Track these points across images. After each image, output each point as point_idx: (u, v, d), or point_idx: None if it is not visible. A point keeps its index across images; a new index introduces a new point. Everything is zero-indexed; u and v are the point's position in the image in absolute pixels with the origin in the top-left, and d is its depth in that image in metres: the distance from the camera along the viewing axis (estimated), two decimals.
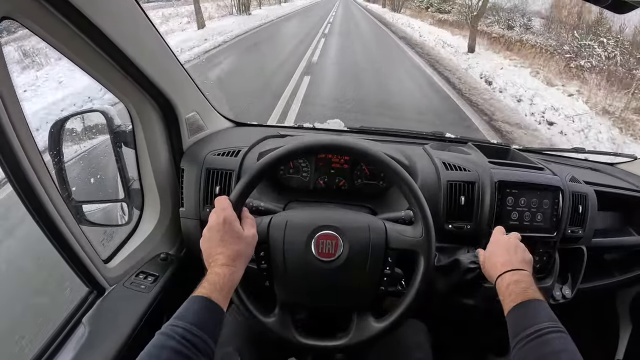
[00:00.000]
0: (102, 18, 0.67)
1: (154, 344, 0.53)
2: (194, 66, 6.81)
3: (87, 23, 0.65)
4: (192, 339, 0.53)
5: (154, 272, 0.94)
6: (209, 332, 0.56)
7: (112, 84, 0.83)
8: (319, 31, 12.33)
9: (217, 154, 0.99)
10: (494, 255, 0.78)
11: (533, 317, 0.63)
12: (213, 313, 0.59)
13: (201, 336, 0.54)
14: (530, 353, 0.59)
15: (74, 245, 0.80)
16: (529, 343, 0.59)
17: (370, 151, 0.76)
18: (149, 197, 1.00)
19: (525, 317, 0.63)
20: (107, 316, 0.84)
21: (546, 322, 0.61)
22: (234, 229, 0.67)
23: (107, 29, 0.68)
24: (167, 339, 0.53)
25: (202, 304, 0.58)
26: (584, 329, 1.50)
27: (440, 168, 0.99)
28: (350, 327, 0.78)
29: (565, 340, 0.59)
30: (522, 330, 0.61)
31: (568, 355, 0.57)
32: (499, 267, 0.74)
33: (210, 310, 0.59)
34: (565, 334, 0.60)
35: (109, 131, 0.99)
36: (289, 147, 0.75)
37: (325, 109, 4.69)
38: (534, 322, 0.61)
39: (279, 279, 0.75)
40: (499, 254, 0.77)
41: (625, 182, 1.27)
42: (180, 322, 0.55)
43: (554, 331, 0.59)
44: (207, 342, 0.55)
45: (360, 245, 0.74)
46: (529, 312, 0.64)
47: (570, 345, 0.59)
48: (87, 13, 0.64)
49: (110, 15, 0.69)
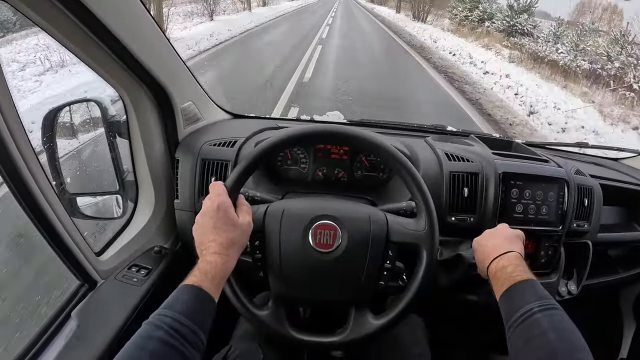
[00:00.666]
0: (96, 3, 0.65)
1: (140, 334, 0.50)
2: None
3: (81, 8, 0.63)
4: (180, 329, 0.51)
5: (147, 265, 0.92)
6: (198, 323, 0.53)
7: (105, 71, 0.80)
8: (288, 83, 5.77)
9: (213, 144, 0.96)
10: (481, 247, 0.77)
11: (519, 299, 0.61)
12: (203, 303, 0.56)
13: (190, 326, 0.52)
14: (519, 338, 0.57)
15: (65, 237, 0.78)
16: (517, 328, 0.57)
17: (371, 138, 0.73)
18: (144, 189, 0.97)
19: (513, 302, 0.61)
20: (97, 310, 0.82)
21: (533, 302, 0.58)
22: (229, 216, 0.64)
23: (100, 13, 0.66)
24: (155, 329, 0.50)
25: (192, 293, 0.56)
26: (587, 326, 1.48)
27: (443, 159, 0.97)
28: (347, 322, 0.75)
29: (554, 318, 0.56)
30: (511, 316, 0.59)
31: (557, 333, 0.54)
32: (486, 259, 0.72)
33: (201, 299, 0.56)
34: (556, 309, 0.58)
35: (103, 121, 0.97)
36: (287, 133, 0.72)
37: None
38: (520, 305, 0.59)
39: (274, 270, 0.72)
40: (485, 245, 0.76)
41: (629, 177, 1.25)
42: (168, 312, 0.52)
43: (542, 309, 0.57)
44: (197, 332, 0.52)
45: (360, 236, 0.71)
46: (516, 295, 0.62)
47: (562, 322, 0.56)
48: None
49: (106, 4, 0.67)
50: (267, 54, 8.14)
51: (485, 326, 1.16)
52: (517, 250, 0.71)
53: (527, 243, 0.96)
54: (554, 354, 0.52)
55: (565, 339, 0.54)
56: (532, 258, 0.98)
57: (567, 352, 0.52)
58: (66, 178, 0.93)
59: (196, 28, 10.28)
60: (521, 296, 0.61)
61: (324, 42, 9.81)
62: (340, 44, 9.84)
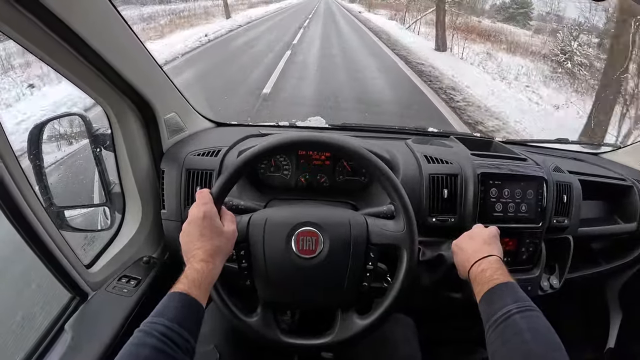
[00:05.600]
0: (75, 18, 0.65)
1: (133, 342, 0.52)
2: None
3: (60, 24, 0.64)
4: (172, 336, 0.52)
5: (137, 275, 0.93)
6: (188, 329, 0.55)
7: (87, 86, 0.81)
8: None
9: (197, 154, 0.98)
10: (460, 251, 0.78)
11: (498, 302, 0.62)
12: (192, 309, 0.58)
13: (181, 333, 0.54)
14: (497, 339, 0.58)
15: (54, 251, 0.79)
16: (495, 329, 0.58)
17: (347, 145, 0.75)
18: (130, 200, 0.98)
19: (491, 304, 0.63)
20: (90, 321, 0.83)
21: (511, 304, 0.60)
22: (214, 224, 0.66)
23: (80, 29, 0.67)
24: (147, 337, 0.52)
25: (181, 300, 0.57)
26: (574, 319, 1.51)
27: (422, 161, 0.99)
28: (334, 324, 0.77)
29: (530, 319, 0.58)
30: (490, 318, 0.61)
31: (533, 333, 0.55)
32: (467, 264, 0.73)
33: (190, 306, 0.58)
34: (533, 311, 0.59)
35: (88, 135, 0.97)
36: (269, 142, 0.74)
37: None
38: (499, 308, 0.60)
39: (260, 277, 0.74)
40: (464, 249, 0.77)
41: (609, 171, 1.27)
42: (159, 319, 0.54)
43: (520, 311, 0.58)
44: (187, 338, 0.54)
45: (341, 241, 0.73)
46: (495, 298, 0.63)
47: (538, 323, 0.58)
48: (59, 14, 0.62)
49: (83, 16, 0.68)
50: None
51: (473, 322, 1.19)
52: (496, 253, 0.73)
53: (508, 240, 0.98)
54: (530, 354, 0.54)
55: (540, 339, 0.55)
56: (513, 255, 1.00)
57: (543, 352, 0.54)
58: (54, 192, 0.94)
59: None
60: (499, 299, 0.62)
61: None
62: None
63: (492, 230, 0.79)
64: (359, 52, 9.58)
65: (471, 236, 0.79)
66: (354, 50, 9.78)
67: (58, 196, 0.94)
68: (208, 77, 6.38)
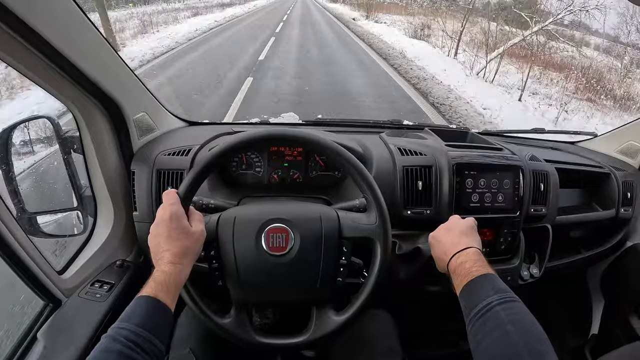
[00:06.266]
0: (37, 19, 0.63)
1: (100, 348, 0.51)
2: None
3: (21, 24, 0.62)
4: (137, 341, 0.52)
5: (110, 280, 0.91)
6: (156, 333, 0.54)
7: (52, 87, 0.79)
8: None
9: (167, 154, 0.96)
10: (437, 243, 0.77)
11: (478, 294, 0.61)
12: (159, 313, 0.57)
13: (147, 337, 0.53)
14: (479, 332, 0.57)
15: (24, 258, 0.78)
16: (477, 322, 0.58)
17: (316, 139, 0.74)
18: (102, 203, 0.96)
19: (472, 296, 0.62)
20: (63, 329, 0.81)
21: (492, 296, 0.59)
22: (182, 225, 0.65)
23: (42, 29, 0.65)
24: (113, 343, 0.51)
25: (148, 304, 0.56)
26: (557, 307, 1.53)
27: (396, 154, 0.98)
28: (310, 321, 0.76)
29: (512, 310, 0.57)
30: (470, 310, 0.60)
31: (515, 325, 0.55)
32: (445, 257, 0.73)
33: (157, 309, 0.57)
34: (514, 302, 0.58)
35: (57, 137, 0.95)
36: (236, 138, 0.72)
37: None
38: (479, 299, 0.60)
39: (232, 277, 0.73)
40: (442, 242, 0.76)
41: (586, 159, 1.28)
42: (125, 324, 0.53)
43: (500, 303, 0.58)
44: (154, 342, 0.53)
45: (312, 236, 0.72)
46: (475, 290, 0.63)
47: (519, 313, 0.57)
48: (21, 14, 0.60)
49: (46, 16, 0.66)
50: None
51: (452, 314, 1.19)
52: (475, 244, 0.72)
53: (486, 231, 0.98)
54: (513, 346, 0.53)
55: (523, 331, 0.54)
56: (491, 245, 1.00)
57: (526, 344, 0.53)
58: (24, 197, 0.92)
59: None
60: (479, 290, 0.62)
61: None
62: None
63: (469, 221, 0.78)
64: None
65: (448, 228, 0.78)
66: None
67: (30, 202, 0.92)
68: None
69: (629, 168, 1.30)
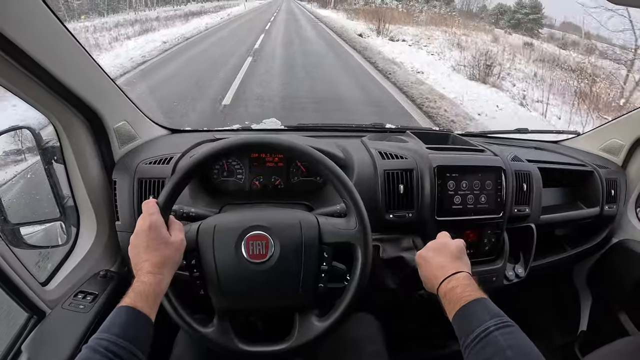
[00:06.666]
0: (12, 28, 0.63)
1: (80, 359, 0.52)
2: None
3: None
4: (117, 351, 0.52)
5: (94, 290, 0.90)
6: (136, 343, 0.54)
7: (29, 97, 0.78)
8: None
9: (148, 162, 0.96)
10: (426, 263, 0.75)
11: (474, 319, 0.60)
12: (139, 323, 0.57)
13: (127, 347, 0.53)
14: (478, 358, 0.56)
15: (6, 270, 0.77)
16: (474, 348, 0.57)
17: (295, 145, 0.74)
18: (84, 213, 0.95)
19: (466, 323, 0.61)
20: (46, 341, 0.81)
21: (488, 322, 0.58)
22: (161, 235, 0.66)
23: (17, 38, 0.64)
24: (93, 353, 0.52)
25: (128, 314, 0.57)
26: (545, 305, 1.54)
27: (377, 158, 0.98)
28: (293, 328, 0.76)
29: (510, 335, 0.57)
30: (466, 336, 0.59)
31: (514, 350, 0.54)
32: (434, 280, 0.71)
33: (136, 319, 0.57)
34: (511, 326, 0.58)
35: (38, 147, 0.95)
36: (214, 146, 0.73)
37: None
38: (475, 326, 0.59)
39: (213, 286, 0.73)
40: (430, 263, 0.74)
41: (570, 157, 1.29)
42: (105, 335, 0.54)
43: (498, 328, 0.57)
44: (134, 352, 0.54)
45: (292, 243, 0.72)
46: (469, 315, 0.62)
47: (517, 338, 0.56)
48: None
49: (21, 25, 0.65)
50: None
51: (439, 316, 1.20)
52: (465, 268, 0.71)
53: (470, 232, 0.99)
54: None
55: (522, 355, 0.54)
56: (475, 246, 1.01)
57: None
58: (6, 209, 0.91)
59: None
60: (474, 316, 0.61)
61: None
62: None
63: (459, 244, 0.77)
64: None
65: (437, 249, 0.76)
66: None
67: (12, 213, 0.92)
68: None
69: (612, 165, 1.31)
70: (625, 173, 1.31)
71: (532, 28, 8.29)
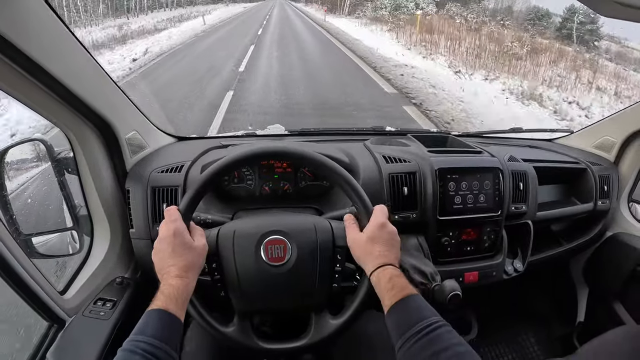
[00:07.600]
0: (27, 41, 0.64)
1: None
2: None
3: (11, 47, 0.62)
4: (154, 352, 0.54)
5: (112, 297, 0.93)
6: (170, 344, 0.57)
7: (44, 109, 0.80)
8: None
9: (160, 171, 0.98)
10: (358, 248, 0.74)
11: (415, 312, 0.61)
12: (172, 324, 0.60)
13: (163, 348, 0.56)
14: (424, 350, 0.56)
15: (27, 280, 0.79)
16: (418, 341, 0.57)
17: (308, 154, 0.78)
18: (98, 222, 0.98)
19: (408, 314, 0.62)
20: (70, 348, 0.83)
21: (433, 317, 0.59)
22: (185, 240, 0.68)
23: (31, 52, 0.66)
24: (131, 355, 0.53)
25: (160, 316, 0.59)
26: (544, 298, 1.58)
27: (381, 162, 1.02)
28: (309, 326, 0.80)
29: (453, 334, 0.58)
30: (408, 328, 0.59)
31: (464, 347, 0.56)
32: (370, 264, 0.70)
33: (169, 321, 0.60)
34: (449, 326, 0.59)
35: (50, 159, 0.97)
36: (231, 157, 0.76)
37: None
38: (421, 318, 0.59)
39: (234, 288, 0.76)
40: (379, 243, 0.72)
41: (563, 155, 1.34)
42: (141, 337, 0.56)
43: (442, 325, 0.58)
44: (169, 352, 0.56)
45: (308, 246, 0.76)
46: (411, 308, 0.63)
47: (459, 337, 0.58)
48: (10, 37, 0.61)
49: (35, 38, 0.67)
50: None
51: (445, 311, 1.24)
52: (394, 261, 0.71)
53: (470, 230, 1.03)
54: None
55: (471, 353, 0.56)
56: (475, 243, 1.05)
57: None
58: (19, 220, 0.93)
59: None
60: (416, 309, 0.62)
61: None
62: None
63: (393, 232, 0.74)
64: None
65: (374, 234, 0.73)
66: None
67: (24, 224, 0.94)
68: None
69: (604, 162, 1.36)
70: (617, 169, 1.35)
71: (587, 41, 6.42)
